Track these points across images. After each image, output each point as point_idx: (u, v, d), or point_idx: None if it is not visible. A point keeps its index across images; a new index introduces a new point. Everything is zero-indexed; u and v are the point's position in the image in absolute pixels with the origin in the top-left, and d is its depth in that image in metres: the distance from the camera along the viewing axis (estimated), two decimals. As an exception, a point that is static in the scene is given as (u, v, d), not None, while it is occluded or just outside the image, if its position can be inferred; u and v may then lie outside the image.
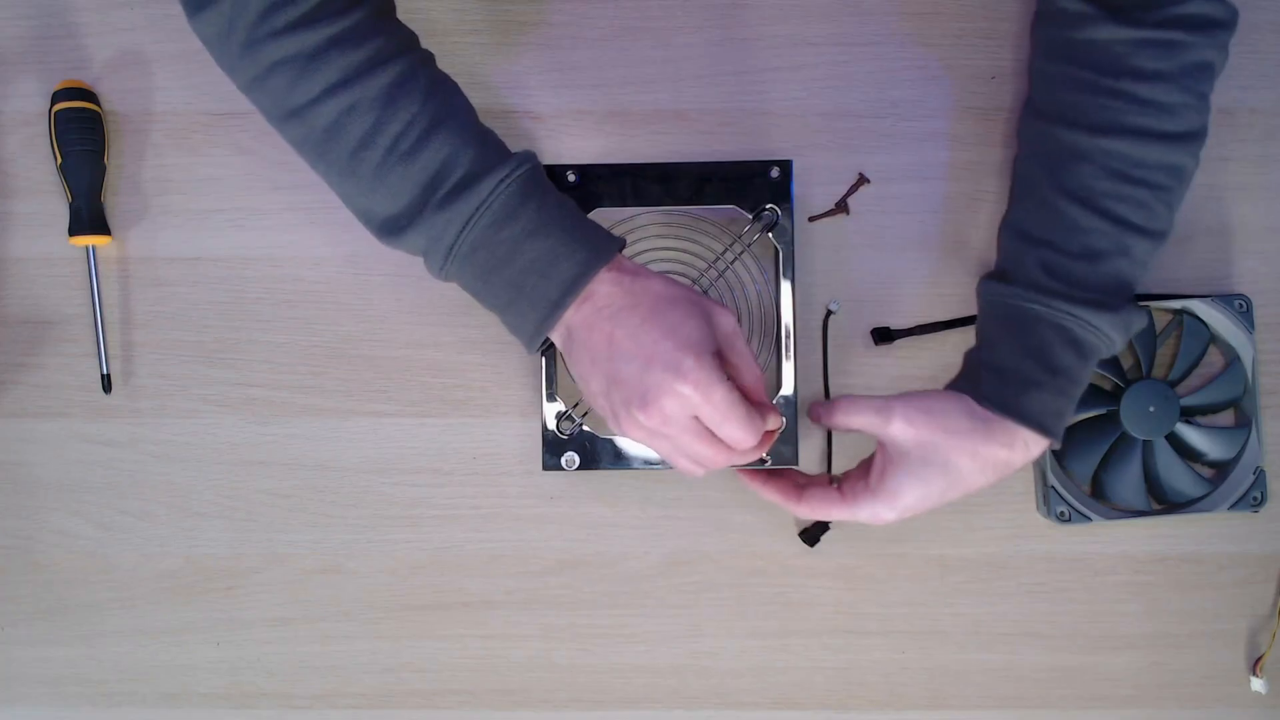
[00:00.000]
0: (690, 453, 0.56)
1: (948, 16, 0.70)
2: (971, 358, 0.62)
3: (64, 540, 0.69)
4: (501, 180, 0.55)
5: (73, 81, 0.69)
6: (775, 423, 0.57)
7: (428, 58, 0.58)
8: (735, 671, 0.69)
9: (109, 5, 0.70)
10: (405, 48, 0.56)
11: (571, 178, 0.66)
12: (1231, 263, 0.69)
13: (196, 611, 0.69)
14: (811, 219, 0.69)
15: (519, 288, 0.56)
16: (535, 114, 0.70)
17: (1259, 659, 0.68)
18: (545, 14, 0.70)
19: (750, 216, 0.66)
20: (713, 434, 0.55)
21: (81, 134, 0.68)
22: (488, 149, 0.56)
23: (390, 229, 0.56)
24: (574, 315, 0.55)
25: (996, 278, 0.62)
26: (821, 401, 0.62)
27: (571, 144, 0.69)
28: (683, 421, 0.54)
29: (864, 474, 0.61)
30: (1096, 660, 0.69)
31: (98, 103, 0.69)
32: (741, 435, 0.55)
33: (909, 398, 0.59)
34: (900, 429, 0.58)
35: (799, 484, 0.63)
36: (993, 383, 0.59)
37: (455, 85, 0.58)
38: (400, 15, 0.63)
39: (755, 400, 0.56)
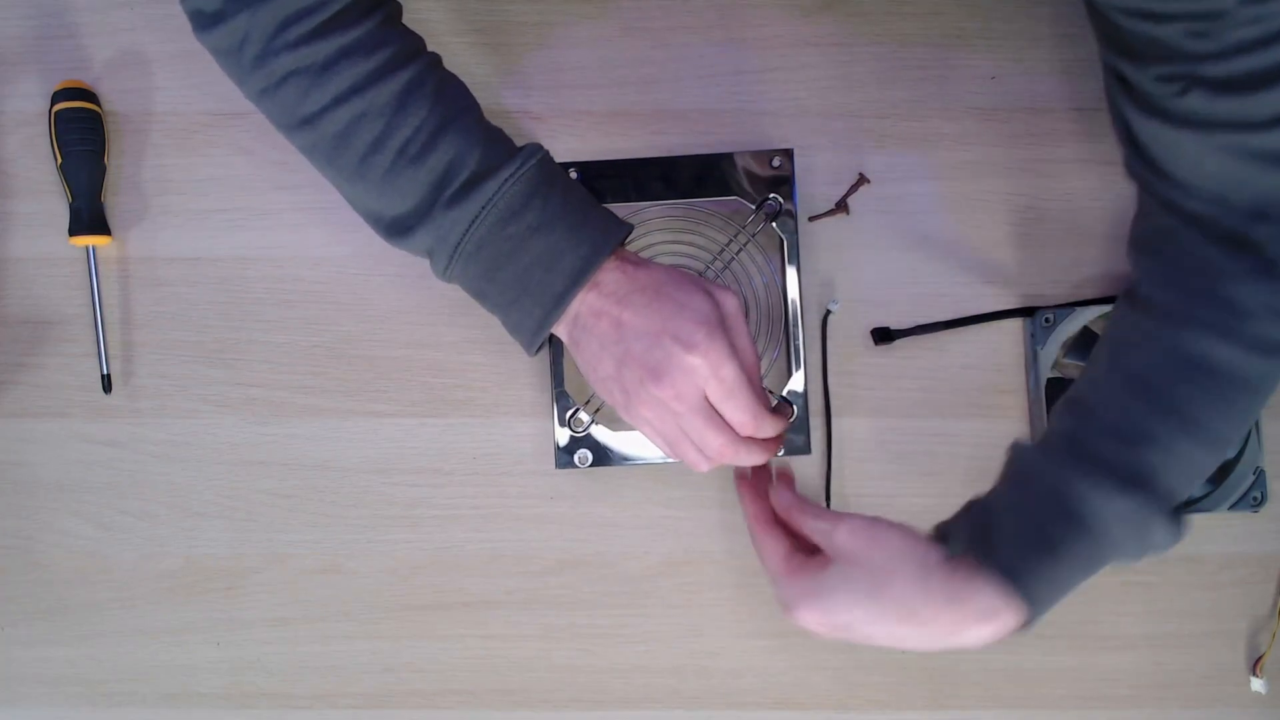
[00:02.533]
0: (697, 437, 0.56)
1: (948, 16, 0.70)
2: (965, 507, 0.58)
3: (64, 540, 0.69)
4: (507, 178, 0.55)
5: (73, 81, 0.69)
6: (777, 423, 0.57)
7: (435, 61, 0.58)
8: (735, 671, 0.69)
9: (109, 5, 0.70)
10: (414, 54, 0.56)
11: (573, 175, 0.66)
12: (1231, 263, 0.69)
13: (196, 611, 0.69)
14: (811, 219, 0.69)
15: (524, 284, 0.56)
16: (535, 114, 0.70)
17: (1259, 659, 0.68)
18: (545, 14, 0.70)
19: (753, 207, 0.66)
20: (720, 418, 0.55)
21: (81, 134, 0.68)
22: (494, 147, 0.56)
23: (397, 230, 0.57)
24: (580, 304, 0.56)
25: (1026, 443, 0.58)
26: (783, 489, 0.60)
27: (571, 144, 0.69)
28: (693, 398, 0.54)
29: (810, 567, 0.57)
30: (1096, 660, 0.69)
31: (98, 103, 0.69)
32: (745, 417, 0.55)
33: (858, 516, 0.56)
34: (844, 537, 0.55)
35: (784, 545, 0.59)
36: (961, 523, 0.56)
37: (462, 86, 0.59)
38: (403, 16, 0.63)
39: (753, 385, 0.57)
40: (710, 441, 0.55)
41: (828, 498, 0.68)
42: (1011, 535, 0.54)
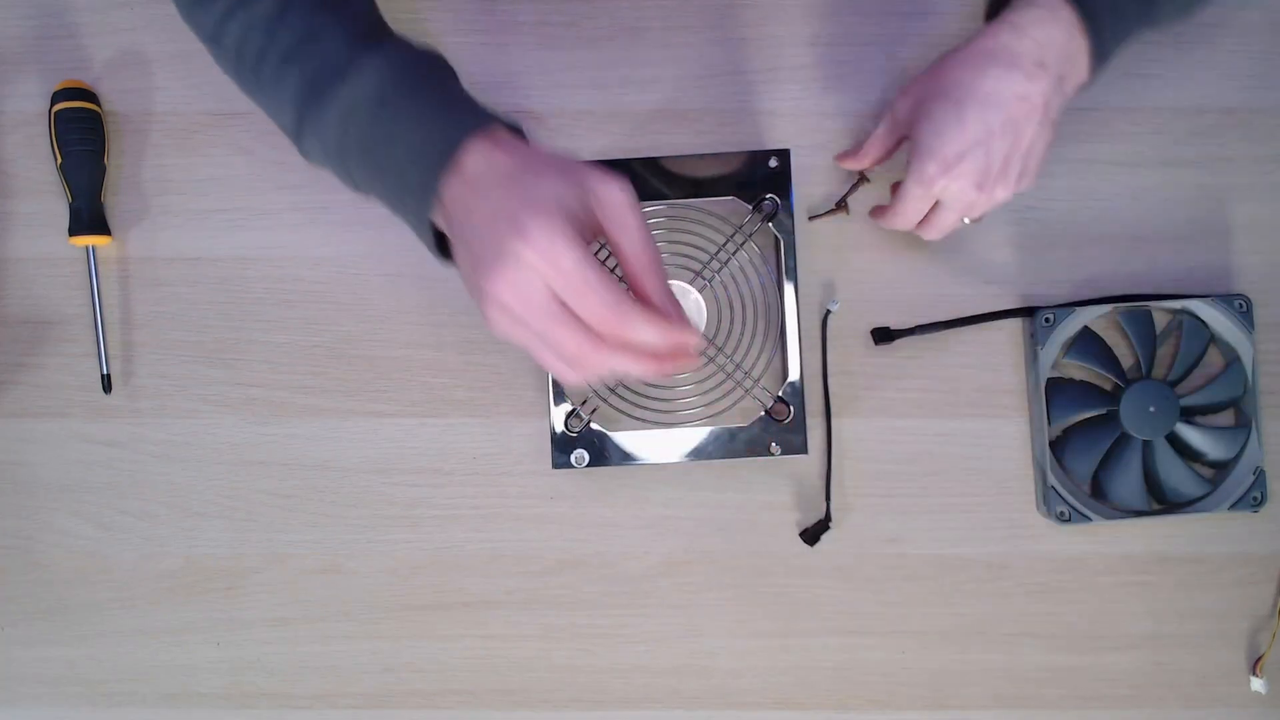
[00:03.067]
0: (554, 343, 0.47)
1: (948, 17, 0.70)
2: None
3: (64, 540, 0.69)
4: (373, 71, 0.52)
5: (73, 81, 0.69)
6: (676, 330, 0.48)
7: None
8: (735, 671, 0.69)
9: (109, 5, 0.70)
10: None
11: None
12: (1231, 263, 0.69)
13: (196, 611, 0.69)
14: (812, 218, 0.69)
15: (402, 177, 0.52)
16: (535, 114, 0.70)
17: (1259, 659, 0.68)
18: (545, 14, 0.70)
19: (750, 207, 0.66)
20: (574, 316, 0.47)
21: (81, 134, 0.68)
22: (370, 45, 0.54)
23: (297, 139, 0.56)
24: (447, 193, 0.50)
25: None
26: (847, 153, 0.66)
27: (572, 144, 0.69)
28: (535, 296, 0.46)
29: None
30: (1096, 660, 0.69)
31: (98, 103, 0.69)
32: (605, 314, 0.46)
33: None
34: (903, 101, 0.60)
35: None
36: None
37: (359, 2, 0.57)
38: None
39: (640, 288, 0.49)
40: (565, 344, 0.47)
41: (828, 497, 0.68)
42: None
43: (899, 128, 0.63)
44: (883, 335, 0.68)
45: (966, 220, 0.62)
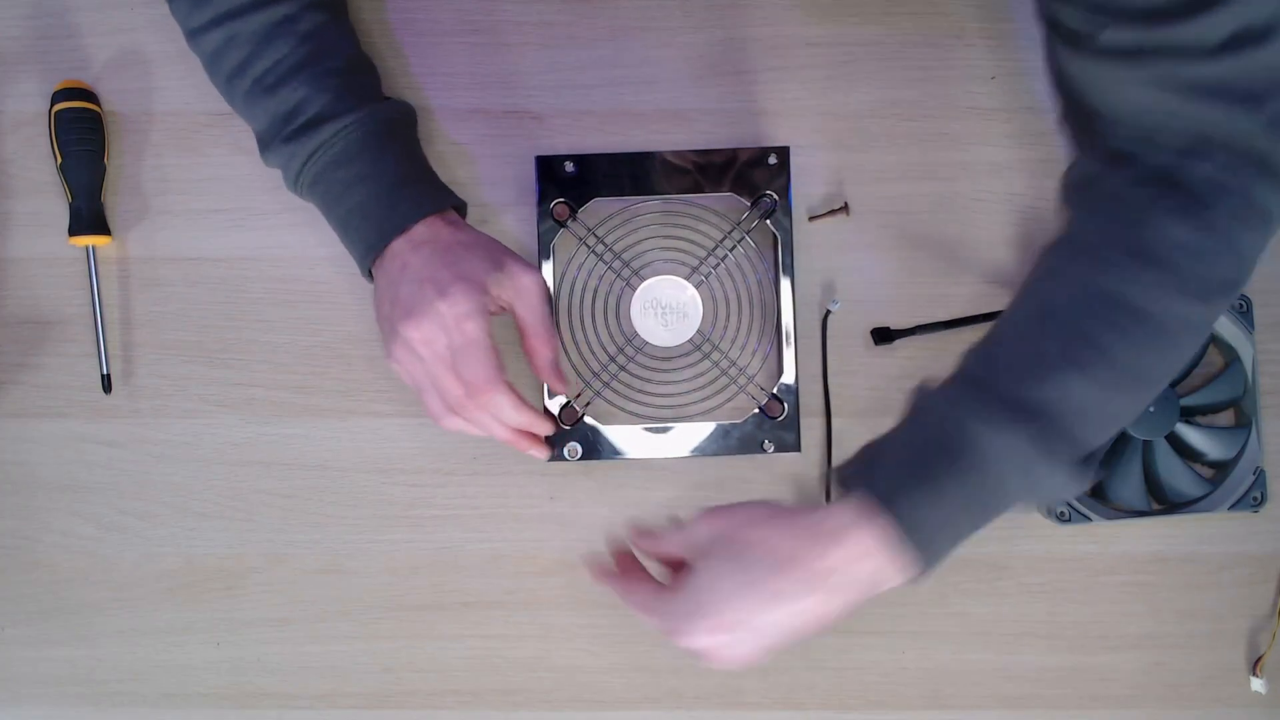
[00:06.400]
0: (441, 387, 0.59)
1: (948, 17, 0.70)
2: (860, 450, 0.56)
3: (64, 540, 0.69)
4: (343, 127, 0.60)
5: (73, 81, 0.69)
6: (532, 417, 0.62)
7: (320, 3, 0.61)
8: (735, 672, 0.69)
9: (109, 5, 0.70)
10: None
11: (569, 168, 0.66)
12: (1231, 263, 0.69)
13: (196, 611, 0.69)
14: (812, 219, 0.69)
15: (346, 225, 0.62)
16: (535, 114, 0.70)
17: (1259, 659, 0.68)
18: (545, 14, 0.70)
19: (748, 204, 0.66)
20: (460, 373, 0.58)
21: (81, 134, 0.68)
22: (344, 96, 0.60)
23: (259, 146, 0.63)
24: (390, 249, 0.60)
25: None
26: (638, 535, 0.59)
27: (572, 144, 0.69)
28: (438, 346, 0.58)
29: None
30: (1096, 660, 0.69)
31: (98, 103, 0.69)
32: (478, 380, 0.58)
33: (712, 507, 0.56)
34: (701, 526, 0.55)
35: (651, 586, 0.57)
36: (851, 463, 0.55)
37: (342, 32, 0.63)
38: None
39: (533, 353, 0.62)
40: (449, 390, 0.59)
41: (827, 497, 0.68)
42: (893, 466, 0.52)
43: (690, 549, 0.55)
44: (883, 335, 0.68)
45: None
